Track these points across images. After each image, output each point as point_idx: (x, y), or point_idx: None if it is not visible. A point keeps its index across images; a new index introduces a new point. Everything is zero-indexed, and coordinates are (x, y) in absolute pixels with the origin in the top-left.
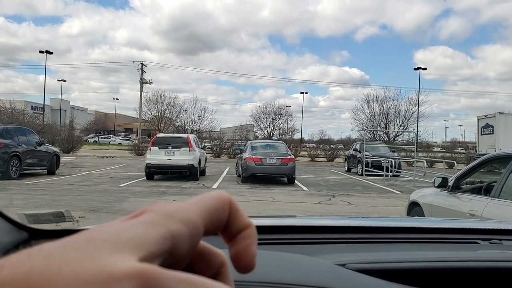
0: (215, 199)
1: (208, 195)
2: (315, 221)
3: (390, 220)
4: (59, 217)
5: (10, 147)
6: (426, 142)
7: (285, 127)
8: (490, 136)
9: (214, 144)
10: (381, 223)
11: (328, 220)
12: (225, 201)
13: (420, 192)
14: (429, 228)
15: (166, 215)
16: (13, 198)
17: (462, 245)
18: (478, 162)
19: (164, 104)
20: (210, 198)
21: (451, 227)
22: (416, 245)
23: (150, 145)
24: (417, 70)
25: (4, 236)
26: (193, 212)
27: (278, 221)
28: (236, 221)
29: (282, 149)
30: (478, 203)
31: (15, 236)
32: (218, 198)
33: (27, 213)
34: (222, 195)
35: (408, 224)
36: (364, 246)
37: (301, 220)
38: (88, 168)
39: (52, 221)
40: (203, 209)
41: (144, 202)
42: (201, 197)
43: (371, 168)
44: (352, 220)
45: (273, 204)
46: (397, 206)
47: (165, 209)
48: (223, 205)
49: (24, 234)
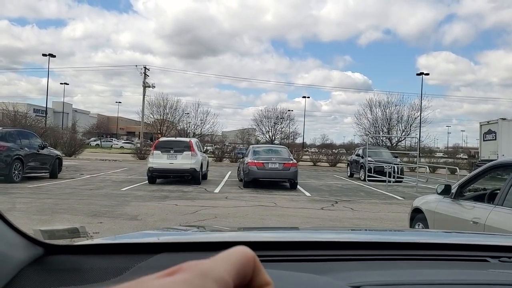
0: (242, 256)
1: (235, 251)
2: (319, 235)
3: (396, 234)
4: (74, 233)
5: (12, 150)
6: (429, 147)
7: (287, 131)
8: (493, 142)
9: (216, 148)
10: (388, 237)
11: (333, 234)
12: (250, 258)
13: (423, 199)
14: (438, 244)
15: (201, 275)
16: (15, 202)
17: (472, 264)
18: (482, 170)
19: (166, 107)
20: (237, 255)
21: (460, 243)
22: (426, 262)
23: (153, 149)
24: (420, 75)
25: (21, 252)
26: (224, 270)
27: (282, 234)
28: (258, 277)
29: (284, 153)
30: (482, 210)
31: (31, 252)
32: (245, 255)
33: (43, 229)
34: (248, 253)
35: (415, 239)
36: (374, 264)
37: (305, 234)
38: (90, 171)
39: (67, 237)
40: (233, 267)
41: (147, 206)
42: (229, 253)
43: (374, 173)
44: (357, 234)
45: (275, 210)
46: (400, 212)
47: (200, 268)
48: (248, 262)
49: (39, 249)
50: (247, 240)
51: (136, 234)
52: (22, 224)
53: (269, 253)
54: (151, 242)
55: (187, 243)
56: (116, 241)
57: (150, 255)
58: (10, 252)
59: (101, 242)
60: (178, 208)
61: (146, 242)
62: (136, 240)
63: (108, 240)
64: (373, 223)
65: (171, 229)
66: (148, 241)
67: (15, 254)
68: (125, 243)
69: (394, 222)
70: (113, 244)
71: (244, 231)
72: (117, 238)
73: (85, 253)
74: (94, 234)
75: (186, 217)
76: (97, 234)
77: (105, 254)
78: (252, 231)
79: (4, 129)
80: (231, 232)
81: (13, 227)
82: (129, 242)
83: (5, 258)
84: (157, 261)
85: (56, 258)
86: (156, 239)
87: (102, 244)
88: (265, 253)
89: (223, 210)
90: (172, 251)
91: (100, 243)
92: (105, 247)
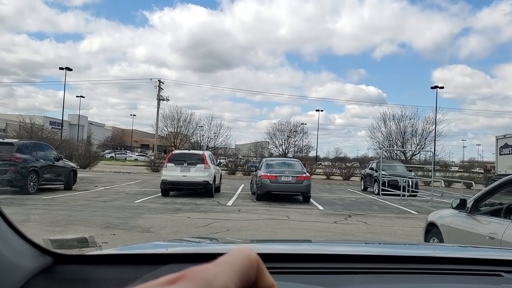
0: (245, 260)
1: (238, 254)
2: (332, 247)
3: (408, 247)
4: (83, 243)
5: (28, 162)
6: (444, 161)
7: (300, 144)
8: (510, 156)
9: (229, 161)
10: (401, 251)
11: (345, 247)
12: (253, 261)
13: (438, 213)
14: (450, 258)
15: (204, 284)
16: (30, 213)
17: (486, 278)
18: (498, 184)
19: (180, 120)
20: (240, 258)
21: (473, 257)
22: (439, 277)
23: (166, 161)
24: (434, 88)
25: (30, 261)
26: (227, 277)
27: (295, 247)
28: (261, 280)
29: (298, 167)
30: (498, 226)
31: (40, 261)
32: (248, 258)
33: (52, 238)
34: (251, 256)
35: (428, 253)
36: (384, 278)
37: (317, 246)
38: (104, 183)
39: (76, 247)
40: (236, 272)
41: (159, 218)
42: (232, 257)
43: (388, 187)
44: (370, 247)
45: (288, 223)
46: (414, 227)
47: (203, 276)
48: (252, 265)
49: (48, 259)
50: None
51: (146, 245)
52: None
53: (280, 265)
54: (160, 253)
55: (196, 254)
56: (125, 251)
57: (159, 266)
58: (19, 261)
59: (110, 253)
60: (190, 221)
61: (155, 253)
62: (145, 250)
63: (117, 251)
64: (387, 237)
65: (184, 240)
66: (157, 252)
67: (24, 263)
68: (133, 254)
69: (408, 237)
70: (122, 255)
71: (257, 243)
72: (126, 249)
73: (93, 263)
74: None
75: (199, 229)
76: (106, 244)
77: (113, 264)
78: (265, 243)
79: (20, 141)
80: (243, 244)
81: (23, 236)
82: (138, 253)
83: (14, 267)
84: (165, 272)
85: (65, 267)
86: (165, 250)
87: (110, 254)
88: (276, 265)
89: (235, 223)
90: (181, 262)
91: (108, 254)
92: (114, 258)
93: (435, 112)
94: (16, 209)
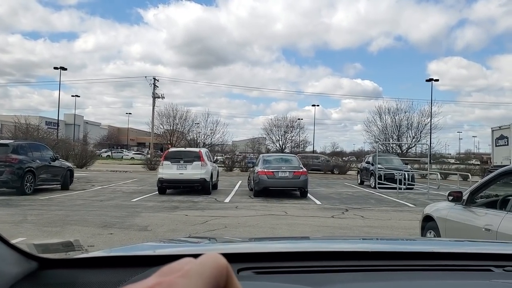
0: (214, 267)
1: (207, 261)
2: (328, 245)
3: (403, 243)
4: (68, 247)
5: (24, 162)
6: (440, 154)
7: (297, 139)
8: (505, 147)
9: (226, 158)
10: (393, 247)
11: (342, 243)
12: (223, 269)
13: (434, 206)
14: (444, 253)
15: None
16: (27, 214)
17: (476, 274)
18: (493, 176)
19: (176, 118)
20: (209, 267)
21: (464, 252)
22: (430, 273)
23: (163, 159)
24: (429, 81)
25: (13, 267)
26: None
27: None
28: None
29: (295, 162)
30: (494, 217)
31: (24, 266)
32: (217, 267)
33: (36, 243)
34: (220, 263)
35: (420, 249)
36: (377, 275)
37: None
38: (101, 183)
39: (62, 251)
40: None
41: (157, 217)
42: (202, 265)
43: (384, 180)
44: (366, 243)
45: (286, 219)
46: (411, 219)
47: None
48: (221, 274)
49: (33, 264)
50: (250, 252)
51: (134, 247)
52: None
53: (275, 264)
54: (147, 255)
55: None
56: (111, 254)
57: (145, 268)
58: (2, 267)
59: (96, 255)
60: (188, 219)
61: (142, 254)
62: (132, 253)
63: (103, 253)
64: (384, 231)
65: (176, 241)
66: (143, 253)
67: (8, 269)
68: (120, 256)
69: (405, 230)
70: (108, 257)
71: (255, 242)
72: (112, 251)
73: (79, 267)
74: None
75: (196, 227)
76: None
77: (100, 267)
78: (263, 241)
79: (16, 142)
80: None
81: (5, 241)
82: (125, 255)
83: None
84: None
85: (50, 272)
86: (152, 252)
87: (97, 257)
88: (270, 264)
89: (233, 219)
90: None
91: (94, 256)
92: (100, 260)
93: (430, 105)
94: (12, 210)
